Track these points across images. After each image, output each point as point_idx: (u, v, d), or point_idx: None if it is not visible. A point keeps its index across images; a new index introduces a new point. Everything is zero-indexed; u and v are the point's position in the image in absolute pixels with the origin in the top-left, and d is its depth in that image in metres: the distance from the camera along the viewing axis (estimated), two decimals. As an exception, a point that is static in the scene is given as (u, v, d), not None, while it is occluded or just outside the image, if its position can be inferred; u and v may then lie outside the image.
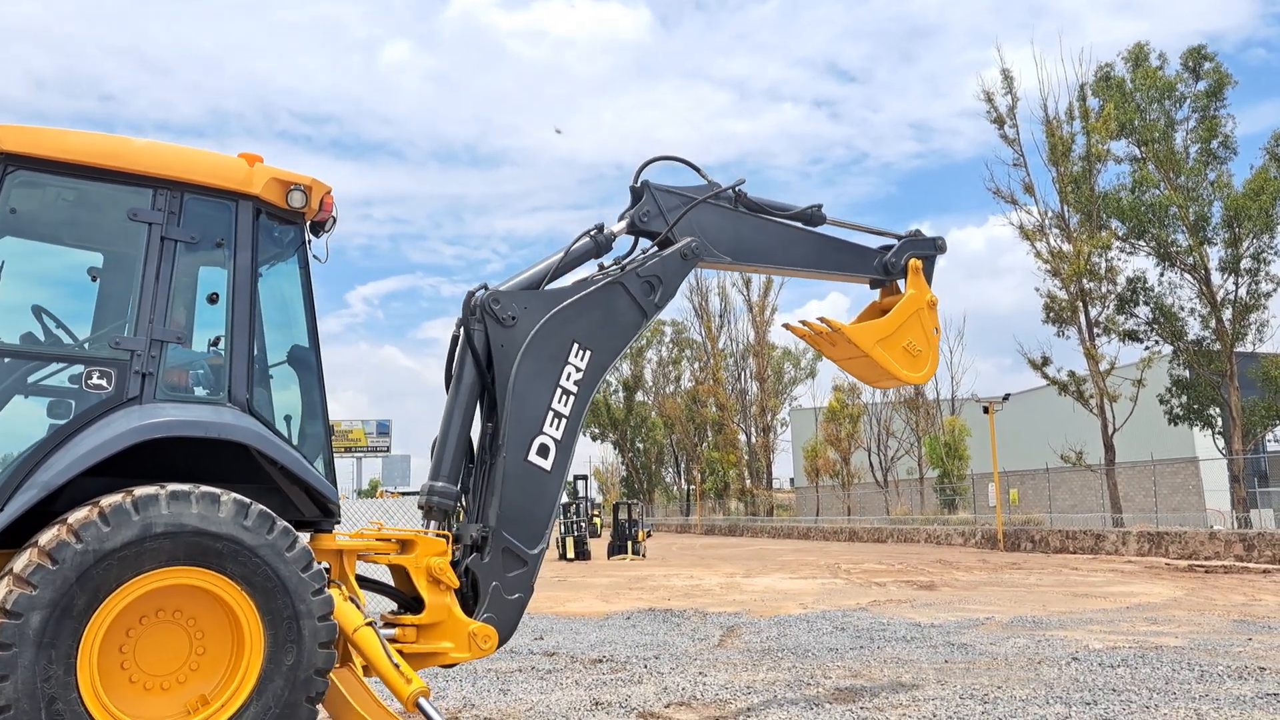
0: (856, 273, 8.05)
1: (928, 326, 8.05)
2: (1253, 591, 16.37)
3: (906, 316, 7.93)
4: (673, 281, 6.81)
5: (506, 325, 6.14)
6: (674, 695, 8.23)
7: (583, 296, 6.45)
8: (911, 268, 8.04)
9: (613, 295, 6.57)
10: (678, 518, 77.39)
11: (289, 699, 4.46)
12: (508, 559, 5.89)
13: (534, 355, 6.16)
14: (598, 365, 6.40)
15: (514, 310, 6.18)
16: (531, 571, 5.97)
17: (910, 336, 7.93)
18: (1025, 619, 13.06)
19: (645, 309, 6.68)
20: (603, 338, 6.45)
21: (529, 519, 5.99)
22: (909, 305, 7.95)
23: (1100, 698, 7.72)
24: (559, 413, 6.18)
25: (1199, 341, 31.17)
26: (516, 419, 6.04)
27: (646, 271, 6.73)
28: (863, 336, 7.75)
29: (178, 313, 5.01)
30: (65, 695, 3.97)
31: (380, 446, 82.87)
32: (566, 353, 6.28)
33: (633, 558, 31.96)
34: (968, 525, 38.20)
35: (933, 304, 8.06)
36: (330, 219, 5.53)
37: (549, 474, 6.10)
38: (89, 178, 4.84)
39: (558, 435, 6.16)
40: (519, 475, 5.99)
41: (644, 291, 6.68)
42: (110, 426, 4.51)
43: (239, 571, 4.41)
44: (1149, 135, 30.97)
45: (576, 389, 6.27)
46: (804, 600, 16.51)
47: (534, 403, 6.11)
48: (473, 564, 5.86)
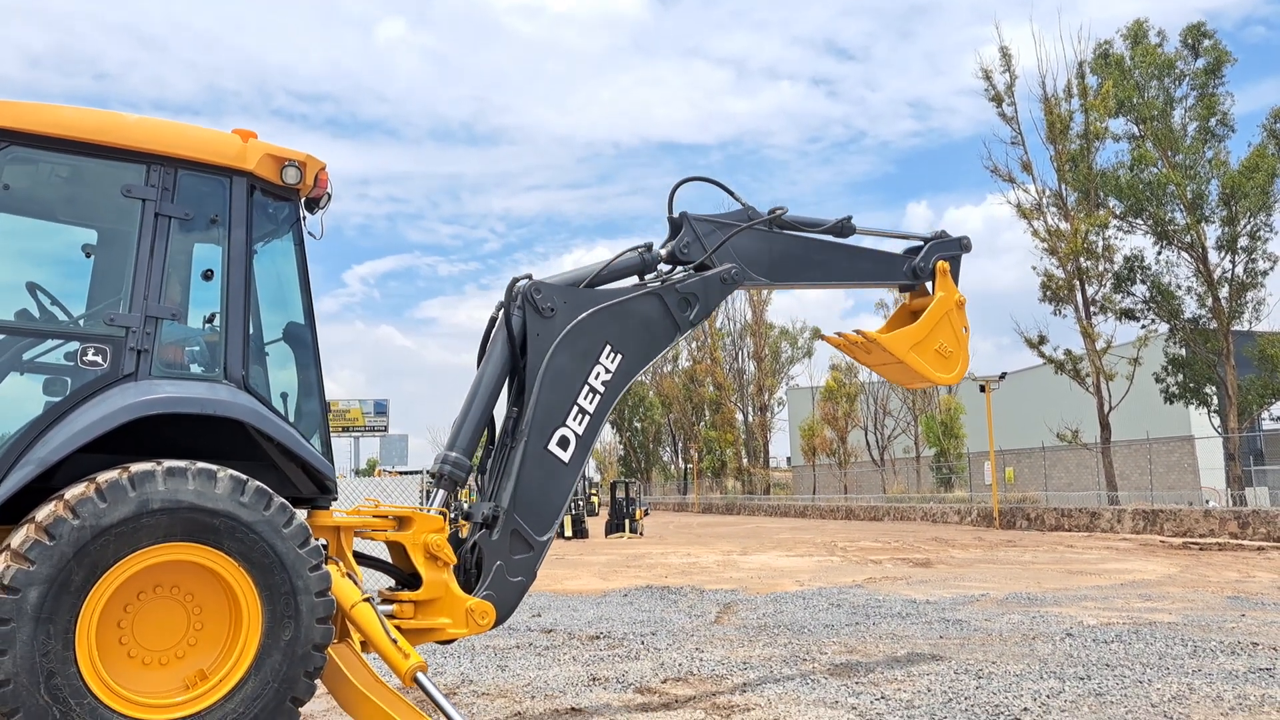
0: (887, 280, 8.29)
1: (957, 327, 8.21)
2: (1246, 568, 16.47)
3: (937, 320, 8.09)
4: (710, 301, 6.99)
5: (545, 315, 6.27)
6: (671, 671, 8.29)
7: (621, 301, 6.61)
8: (939, 270, 8.18)
9: (650, 305, 6.73)
10: (675, 496, 77.64)
11: (287, 674, 4.48)
12: (515, 541, 5.96)
13: (567, 349, 6.29)
14: (626, 370, 6.55)
15: (554, 302, 6.32)
16: (537, 558, 6.03)
17: (941, 339, 8.09)
18: (1020, 595, 13.14)
19: (679, 323, 6.84)
20: (635, 344, 6.60)
21: (541, 506, 6.08)
22: (939, 309, 8.09)
23: (1094, 672, 7.78)
24: (584, 409, 6.31)
25: (1195, 320, 31.22)
26: (542, 408, 6.15)
27: (685, 288, 6.89)
28: (896, 344, 7.91)
29: (172, 289, 5.00)
30: (64, 670, 3.99)
31: (378, 426, 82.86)
32: (598, 353, 6.41)
33: (630, 536, 32.09)
34: (964, 503, 38.35)
35: (961, 304, 8.22)
36: (325, 195, 5.50)
37: (566, 466, 6.20)
38: (82, 153, 4.81)
39: (579, 430, 6.27)
40: (537, 462, 6.09)
41: (680, 307, 6.84)
42: (106, 403, 4.51)
43: (236, 548, 4.42)
44: (1147, 113, 30.89)
45: (604, 389, 6.39)
46: (800, 577, 16.59)
47: (561, 395, 6.23)
48: (481, 539, 5.93)
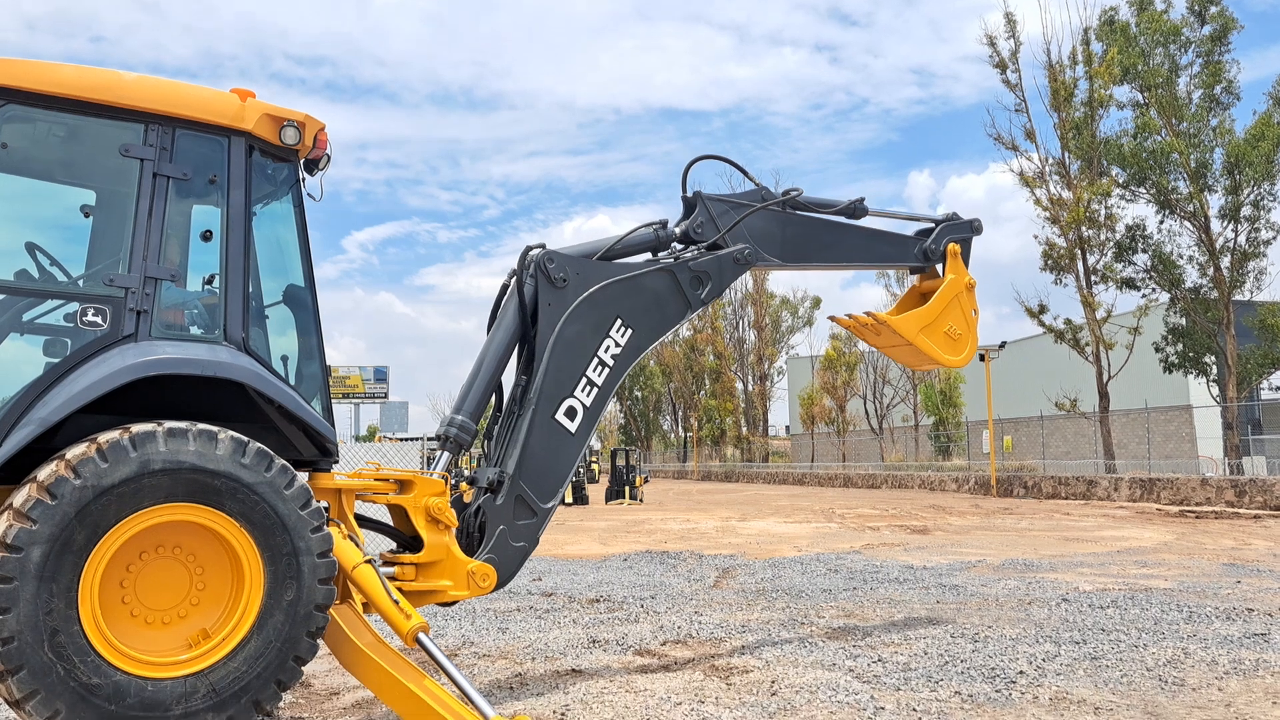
0: (899, 262, 8.31)
1: (966, 309, 8.26)
2: (1243, 536, 16.55)
3: (947, 302, 8.15)
4: (722, 281, 7.02)
5: (557, 285, 6.31)
6: (670, 634, 8.35)
7: (634, 276, 6.64)
8: (950, 253, 8.22)
9: (662, 281, 6.76)
10: (675, 464, 77.91)
11: (289, 633, 4.51)
12: (519, 507, 6.00)
13: (578, 320, 6.33)
14: (635, 345, 6.58)
15: (567, 273, 6.35)
16: (539, 524, 6.07)
17: (950, 321, 8.15)
18: (1016, 562, 13.21)
19: (691, 301, 6.88)
20: (645, 320, 6.63)
21: (546, 473, 6.13)
22: (949, 291, 8.14)
23: (1089, 637, 7.83)
24: (592, 380, 6.35)
25: (1196, 289, 31.15)
26: (551, 377, 6.19)
27: (698, 266, 6.92)
28: (906, 326, 7.97)
29: (172, 250, 4.97)
30: (67, 628, 4.02)
31: (378, 393, 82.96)
32: (609, 326, 6.45)
33: (630, 503, 32.24)
34: (962, 471, 38.49)
35: (971, 286, 8.27)
36: (324, 156, 5.47)
37: (573, 436, 6.25)
38: (81, 113, 4.78)
39: (587, 402, 6.31)
40: (544, 431, 6.14)
41: (692, 285, 6.87)
42: (106, 364, 4.50)
43: (238, 509, 4.44)
44: (1152, 80, 30.63)
45: (613, 363, 6.44)
46: (798, 543, 16.68)
47: (571, 366, 6.27)
48: (485, 504, 5.98)
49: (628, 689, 6.47)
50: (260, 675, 4.43)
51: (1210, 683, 6.36)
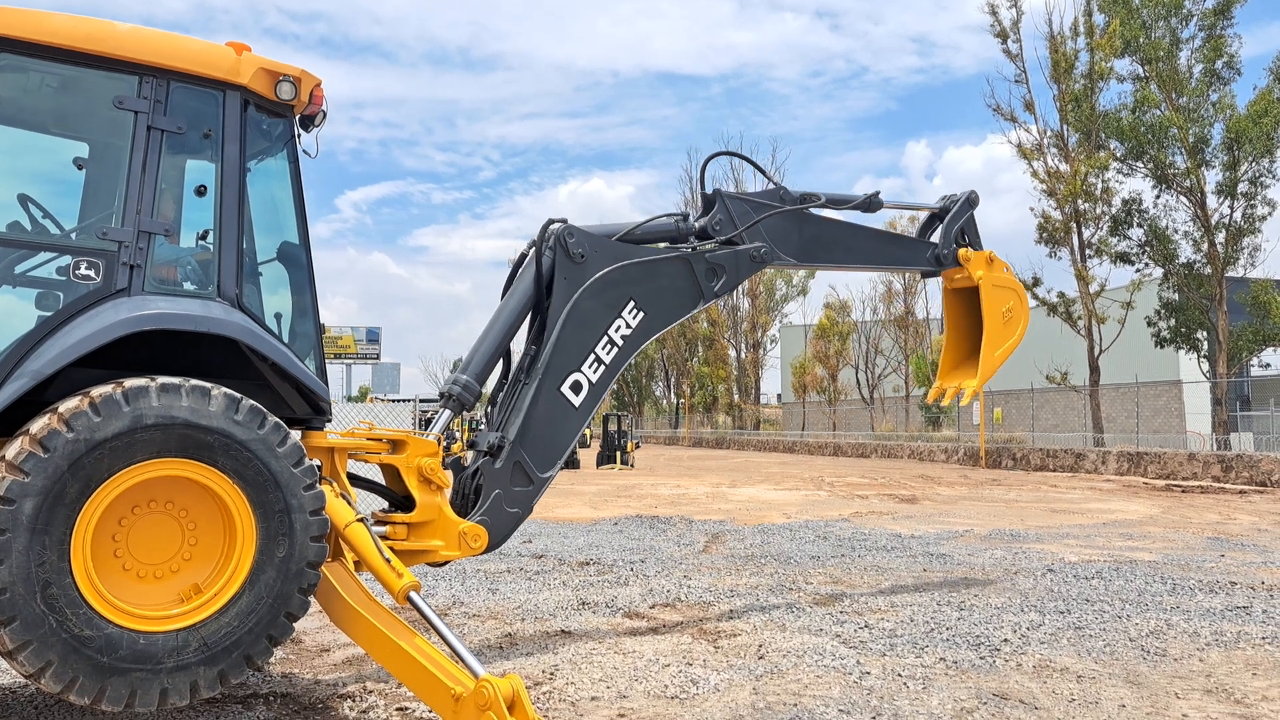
0: (911, 266, 8.48)
1: (1003, 284, 8.47)
2: (1228, 511, 16.70)
3: (995, 307, 8.40)
4: (737, 276, 7.09)
5: (575, 260, 6.37)
6: (659, 597, 8.42)
7: (651, 260, 6.71)
8: (962, 257, 8.31)
9: (678, 269, 6.82)
10: (666, 430, 78.14)
11: (281, 590, 4.53)
12: (517, 473, 6.05)
13: (592, 297, 6.39)
14: (646, 328, 6.64)
15: (585, 249, 6.41)
16: (535, 493, 6.12)
17: (998, 309, 8.40)
18: (1003, 532, 13.33)
19: (704, 292, 6.93)
20: (658, 305, 6.69)
21: (547, 443, 6.18)
22: (990, 296, 8.36)
23: (1073, 607, 7.92)
24: (600, 358, 6.41)
25: (1190, 265, 31.17)
26: (560, 350, 6.24)
27: (715, 258, 6.99)
28: (991, 364, 8.36)
29: (165, 205, 4.94)
30: (60, 580, 4.03)
31: (370, 354, 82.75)
32: (622, 307, 6.51)
33: (621, 468, 32.36)
34: (951, 442, 38.70)
35: (991, 261, 8.38)
36: (320, 113, 5.41)
37: (576, 410, 6.30)
38: (74, 63, 4.72)
39: (593, 378, 6.36)
40: (548, 402, 6.19)
41: (707, 276, 6.94)
42: (99, 317, 4.48)
43: (230, 465, 4.44)
44: (1153, 53, 30.44)
45: (622, 343, 6.49)
46: (787, 510, 16.79)
47: (580, 341, 6.32)
48: (483, 466, 6.02)
49: (616, 650, 6.53)
50: (252, 630, 4.45)
51: (1192, 653, 6.44)
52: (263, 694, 5.56)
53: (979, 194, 8.56)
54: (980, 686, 5.65)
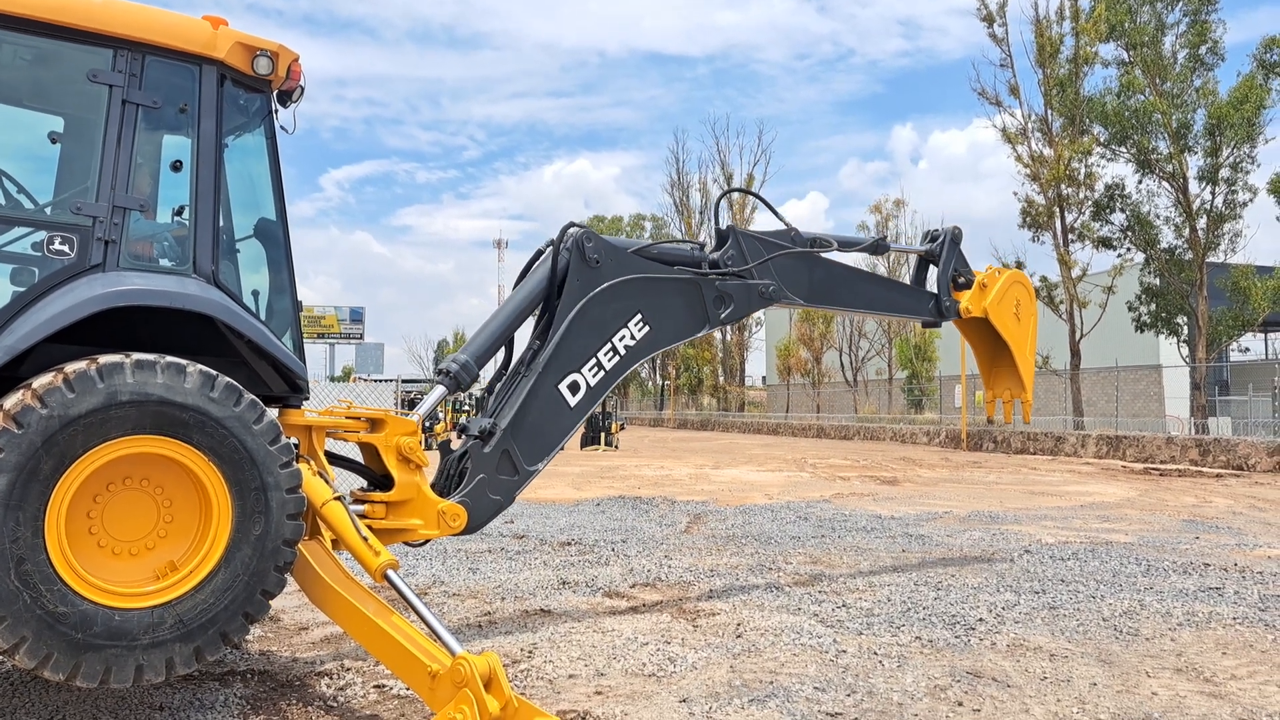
0: (915, 315, 8.73)
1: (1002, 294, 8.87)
2: (1204, 494, 16.87)
3: (1007, 322, 8.91)
4: (744, 308, 7.26)
5: (590, 265, 6.46)
6: (639, 577, 8.45)
7: (663, 277, 6.81)
8: (962, 310, 8.69)
9: (688, 290, 6.94)
10: (651, 412, 78.21)
11: (257, 567, 4.53)
12: (504, 461, 6.07)
13: (601, 303, 6.47)
14: (650, 343, 6.72)
15: (601, 256, 6.51)
16: (519, 484, 6.14)
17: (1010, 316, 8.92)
18: (982, 514, 13.43)
19: (710, 318, 7.06)
20: (664, 321, 6.80)
21: (537, 437, 6.22)
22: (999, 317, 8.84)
23: (1049, 587, 8.00)
24: (601, 364, 6.48)
25: (1171, 250, 31.34)
26: (563, 349, 6.31)
27: (725, 286, 7.12)
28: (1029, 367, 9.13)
29: (141, 180, 4.89)
30: (34, 557, 4.01)
31: (353, 334, 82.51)
32: (629, 317, 6.60)
33: (605, 449, 32.38)
34: (933, 425, 38.89)
35: (984, 286, 8.77)
36: (298, 88, 5.36)
37: (570, 410, 6.36)
38: (47, 35, 4.66)
39: (592, 382, 6.43)
40: (545, 397, 6.24)
41: (716, 303, 7.07)
42: (73, 293, 4.45)
43: (206, 442, 4.42)
44: (1138, 38, 30.49)
45: (624, 352, 6.57)
46: (769, 491, 16.86)
47: (584, 344, 6.40)
48: (472, 449, 6.04)
49: (596, 629, 6.56)
50: (228, 608, 4.45)
51: (1164, 633, 6.52)
52: (240, 671, 5.57)
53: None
54: (955, 665, 5.71)
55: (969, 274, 8.76)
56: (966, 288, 8.70)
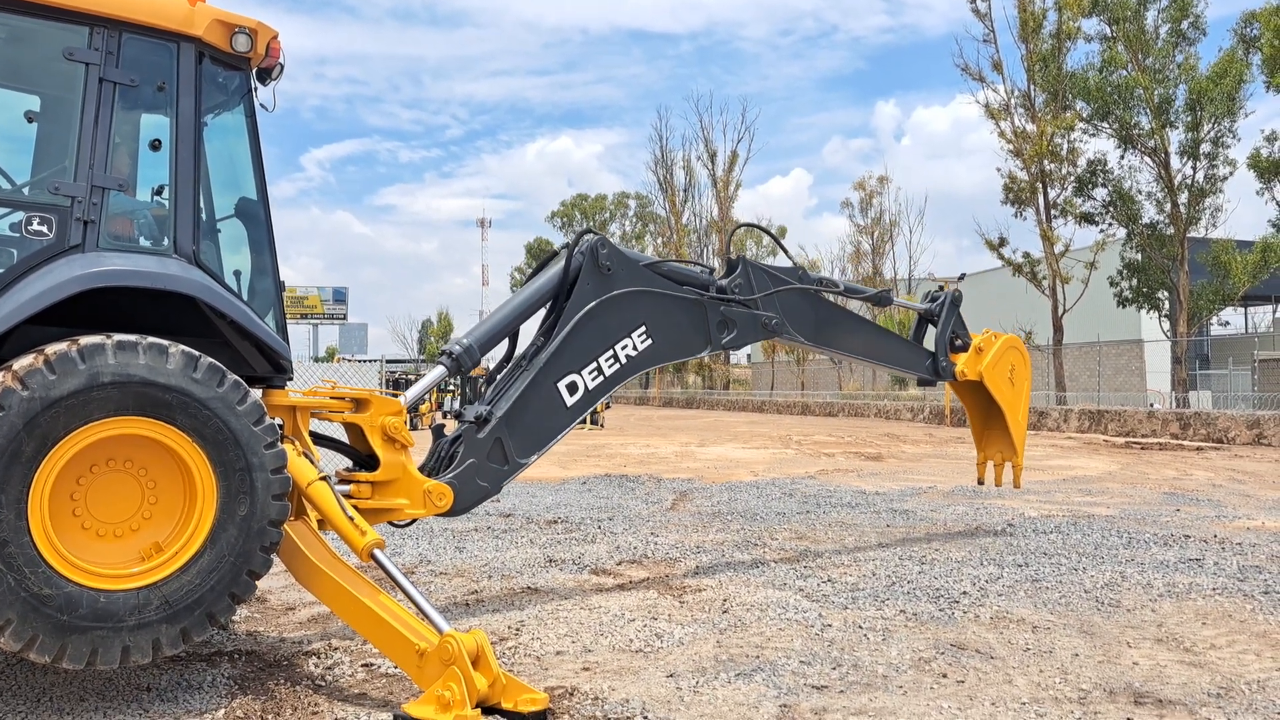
0: (912, 370, 8.90)
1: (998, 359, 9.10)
2: (1185, 467, 17.04)
3: (1001, 386, 9.09)
4: (746, 335, 7.38)
5: (601, 271, 6.54)
6: (626, 554, 8.49)
7: (671, 295, 6.91)
8: (959, 373, 8.87)
9: (693, 311, 7.05)
10: (637, 390, 78.26)
11: (243, 548, 4.52)
12: (495, 449, 6.09)
13: (608, 311, 6.54)
14: (651, 355, 6.79)
15: (613, 264, 6.59)
16: (508, 474, 6.15)
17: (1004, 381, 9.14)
18: (965, 488, 13.52)
19: (712, 340, 7.17)
20: (667, 337, 6.88)
21: (532, 431, 6.24)
22: (994, 381, 9.05)
23: (1032, 560, 8.08)
24: (601, 369, 6.53)
25: (1153, 225, 31.48)
26: (565, 349, 6.35)
27: (729, 312, 7.23)
28: (1020, 431, 9.24)
29: (120, 159, 4.84)
30: (17, 539, 3.99)
31: (336, 314, 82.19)
32: (633, 328, 6.68)
33: (591, 427, 32.40)
34: (917, 401, 39.07)
35: (980, 350, 9.01)
36: (277, 66, 5.31)
37: (567, 409, 6.39)
38: (22, 13, 4.59)
39: (590, 384, 6.47)
40: (542, 392, 6.27)
41: (719, 327, 7.18)
42: (52, 274, 4.41)
43: (189, 423, 4.40)
44: (1120, 14, 30.50)
45: (625, 361, 6.63)
46: (755, 468, 16.93)
47: (586, 346, 6.45)
48: (465, 433, 6.06)
49: (582, 606, 6.59)
50: (214, 589, 4.44)
51: (1145, 604, 6.60)
52: (227, 652, 5.57)
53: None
54: (938, 637, 5.77)
55: (966, 336, 9.02)
56: (963, 350, 8.94)
